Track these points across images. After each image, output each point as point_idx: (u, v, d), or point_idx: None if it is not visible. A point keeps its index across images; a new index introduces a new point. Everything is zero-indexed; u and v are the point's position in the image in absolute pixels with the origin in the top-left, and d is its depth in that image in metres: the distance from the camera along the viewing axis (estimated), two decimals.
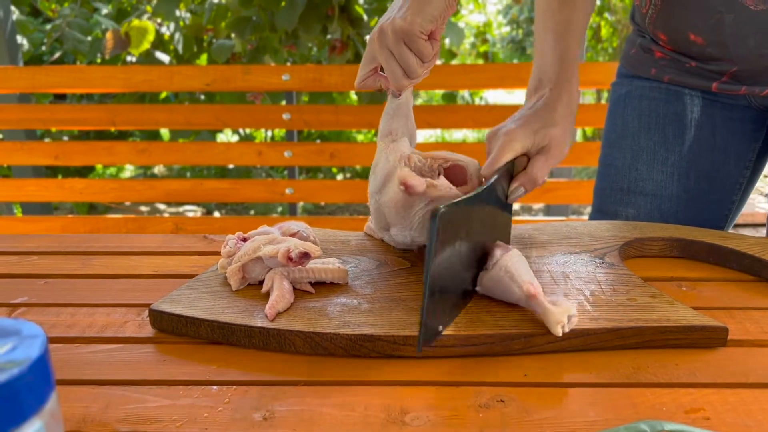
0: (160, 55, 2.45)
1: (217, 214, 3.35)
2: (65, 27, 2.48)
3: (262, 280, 0.58)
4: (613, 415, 0.43)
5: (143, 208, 3.38)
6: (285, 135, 2.51)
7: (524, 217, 2.68)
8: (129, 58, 2.71)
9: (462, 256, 0.53)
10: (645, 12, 0.86)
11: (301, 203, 2.84)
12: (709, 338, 0.52)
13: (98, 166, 3.77)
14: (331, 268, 0.59)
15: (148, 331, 0.55)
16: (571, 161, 1.86)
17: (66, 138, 3.12)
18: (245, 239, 0.61)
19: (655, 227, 0.76)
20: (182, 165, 3.45)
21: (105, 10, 2.82)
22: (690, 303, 0.58)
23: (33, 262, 0.71)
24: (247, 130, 3.40)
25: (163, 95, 2.69)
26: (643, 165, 0.89)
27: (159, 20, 2.58)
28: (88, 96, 2.82)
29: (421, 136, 4.78)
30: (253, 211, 3.35)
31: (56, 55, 2.79)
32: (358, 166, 3.61)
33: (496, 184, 0.59)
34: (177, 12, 2.45)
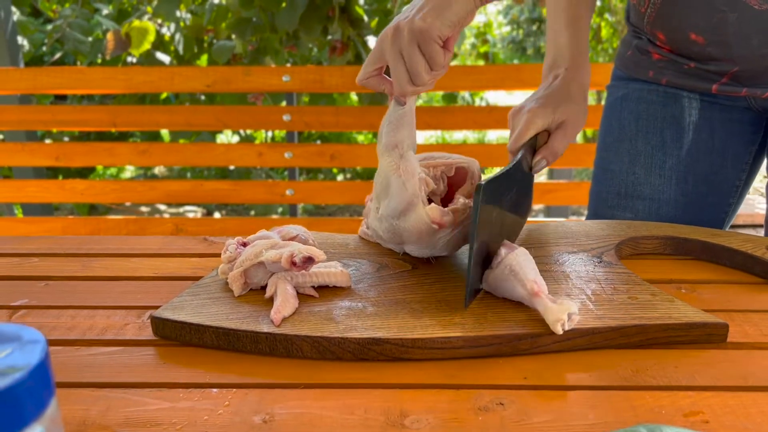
0: (161, 56, 2.45)
1: (217, 215, 3.35)
2: (66, 27, 2.48)
3: (264, 285, 0.58)
4: (613, 418, 0.43)
5: (143, 209, 3.38)
6: (285, 136, 2.51)
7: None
8: (129, 59, 2.71)
9: (497, 224, 0.60)
10: (643, 11, 0.86)
11: (302, 204, 2.84)
12: (710, 335, 0.52)
13: (99, 167, 3.78)
14: (335, 272, 0.59)
15: (148, 334, 0.55)
16: (571, 162, 1.85)
17: (66, 139, 3.12)
18: (245, 244, 0.61)
19: (649, 226, 0.77)
20: (183, 166, 3.46)
21: (105, 11, 2.82)
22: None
23: (33, 264, 0.71)
24: (247, 131, 3.40)
25: (164, 96, 2.69)
26: (641, 169, 0.89)
27: (159, 21, 2.58)
28: (88, 97, 2.82)
29: (422, 137, 4.77)
30: (253, 212, 3.35)
31: (57, 56, 2.79)
32: (359, 167, 3.61)
33: (521, 158, 0.66)
34: (177, 13, 2.45)
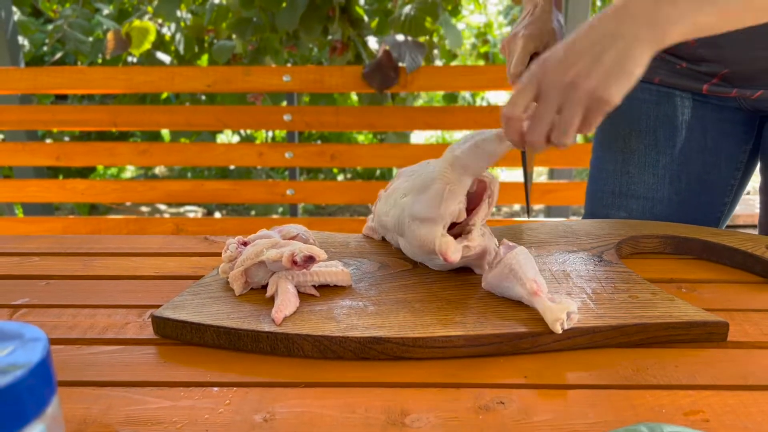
0: (161, 56, 2.45)
1: (217, 215, 3.35)
2: (66, 27, 2.48)
3: (264, 285, 0.58)
4: (613, 417, 0.43)
5: (144, 209, 3.38)
6: (286, 136, 2.50)
7: (525, 218, 2.68)
8: (130, 59, 2.71)
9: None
10: None
11: (302, 204, 2.84)
12: (710, 334, 0.53)
13: (99, 167, 3.78)
14: (335, 271, 0.59)
15: (149, 333, 0.55)
16: (571, 163, 1.85)
17: (67, 139, 3.12)
18: (245, 243, 0.61)
19: (649, 225, 0.77)
20: (183, 166, 3.46)
21: (106, 11, 2.82)
22: None
23: (34, 264, 0.72)
24: (248, 131, 3.40)
25: (164, 96, 2.69)
26: (635, 168, 0.89)
27: (160, 21, 2.58)
28: (88, 97, 2.82)
29: (422, 137, 4.78)
30: (253, 212, 3.35)
31: (57, 56, 2.79)
32: (359, 167, 3.61)
33: None
34: (178, 13, 2.45)
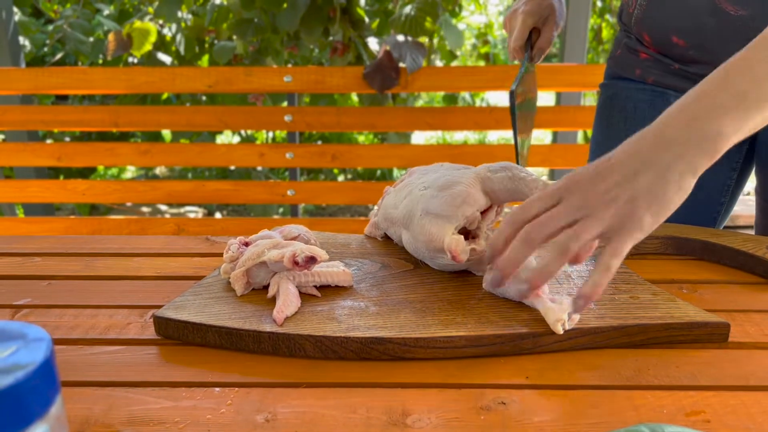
0: (162, 57, 2.45)
1: (218, 216, 3.35)
2: (67, 28, 2.48)
3: (266, 285, 0.58)
4: (614, 418, 0.43)
5: (145, 209, 3.38)
6: (286, 136, 2.50)
7: None
8: (130, 59, 2.71)
9: (525, 109, 0.87)
10: (631, 12, 0.87)
11: (302, 205, 2.84)
12: (711, 334, 0.53)
13: (100, 168, 3.78)
14: (337, 271, 0.59)
15: (150, 333, 0.55)
16: (572, 162, 1.86)
17: (68, 139, 3.12)
18: (247, 244, 0.61)
19: None
20: (184, 166, 3.46)
21: (107, 11, 2.82)
22: None
23: (36, 264, 0.72)
24: (248, 131, 3.40)
25: (165, 96, 2.69)
26: None
27: (161, 22, 2.58)
28: (89, 97, 2.82)
29: (422, 137, 4.78)
30: (252, 213, 3.35)
31: (58, 56, 2.79)
32: (360, 168, 3.61)
33: (527, 59, 0.87)
34: (179, 13, 2.45)
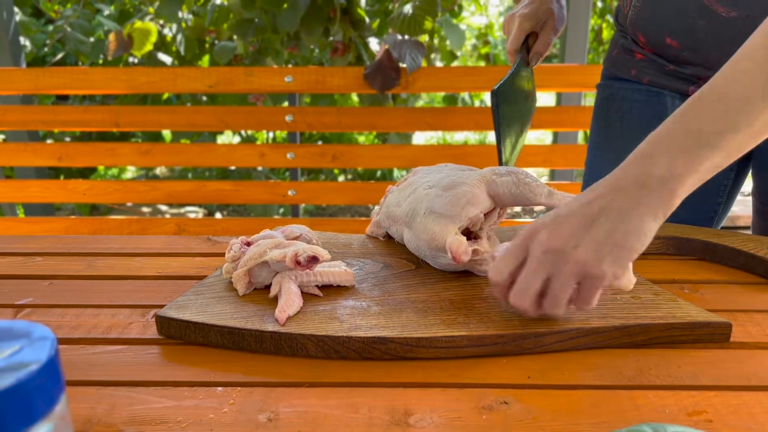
0: (162, 57, 2.45)
1: (218, 216, 3.35)
2: (67, 28, 2.48)
3: (268, 285, 0.58)
4: (616, 417, 0.43)
5: (145, 209, 3.38)
6: (287, 137, 2.50)
7: (526, 219, 2.68)
8: (131, 60, 2.71)
9: (513, 114, 0.82)
10: (626, 13, 0.87)
11: (303, 205, 2.84)
12: (713, 334, 0.53)
13: (100, 168, 3.78)
14: (338, 271, 0.59)
15: (152, 332, 0.55)
16: (573, 163, 1.86)
17: (68, 139, 3.12)
18: (249, 243, 0.61)
19: None
20: (185, 166, 3.46)
21: (107, 11, 2.82)
22: None
23: (37, 264, 0.72)
24: (248, 131, 3.40)
25: (165, 97, 2.69)
26: None
27: (161, 22, 2.59)
28: (89, 97, 2.82)
29: (422, 138, 4.78)
30: (252, 213, 3.35)
31: (58, 57, 2.79)
32: (360, 168, 3.61)
33: (520, 60, 0.85)
34: (179, 14, 2.45)
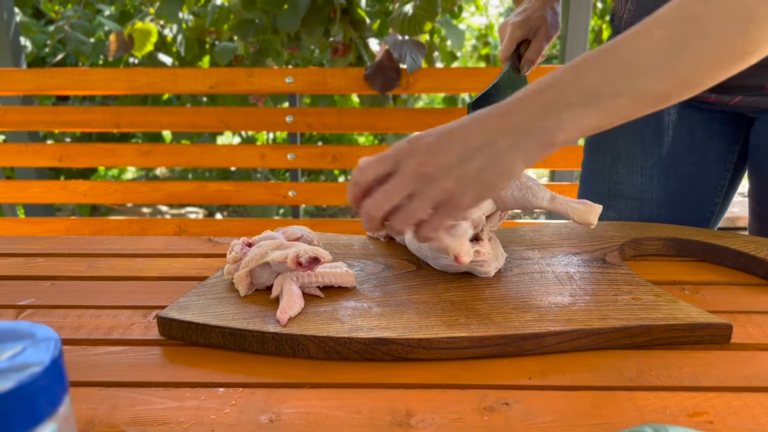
0: (163, 57, 2.46)
1: (219, 216, 3.35)
2: (67, 28, 2.48)
3: (269, 286, 0.58)
4: (617, 419, 0.43)
5: (145, 210, 3.38)
6: (287, 137, 2.50)
7: (526, 220, 2.68)
8: (131, 60, 2.71)
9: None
10: (621, 15, 0.87)
11: (303, 206, 2.84)
12: (714, 335, 0.53)
13: (100, 168, 3.78)
14: (340, 272, 0.59)
15: (154, 333, 0.55)
16: (573, 164, 1.86)
17: (68, 140, 3.12)
18: (250, 244, 0.61)
19: (652, 227, 0.77)
20: (185, 167, 3.46)
21: (108, 12, 2.82)
22: None
23: (39, 264, 0.72)
24: (249, 132, 3.40)
25: (165, 97, 2.69)
26: (623, 168, 0.89)
27: (162, 22, 2.59)
28: (90, 98, 2.82)
29: None
30: (251, 214, 3.34)
31: (59, 57, 2.80)
32: None
33: (507, 70, 0.83)
34: (180, 14, 2.45)
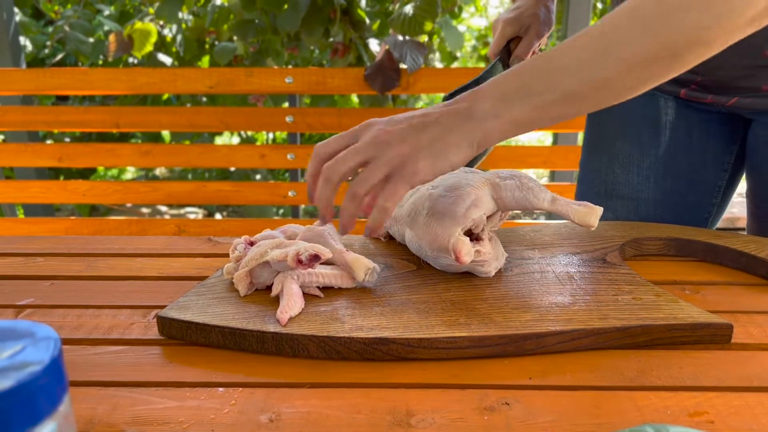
0: (162, 57, 2.45)
1: (218, 216, 3.35)
2: (67, 28, 2.48)
3: (269, 285, 0.58)
4: (618, 419, 0.43)
5: (144, 210, 3.38)
6: (287, 137, 2.50)
7: (526, 220, 2.68)
8: (130, 60, 2.71)
9: None
10: None
11: (302, 206, 2.84)
12: (714, 335, 0.53)
13: (100, 168, 3.78)
14: (340, 272, 0.59)
15: (154, 333, 0.55)
16: (573, 165, 1.86)
17: (68, 140, 3.12)
18: (252, 243, 0.61)
19: (652, 227, 0.77)
20: (185, 167, 3.46)
21: (107, 12, 2.82)
22: None
23: (38, 264, 0.72)
24: (248, 132, 3.40)
25: (165, 97, 2.69)
26: (620, 168, 0.89)
27: (161, 22, 2.59)
28: (90, 98, 2.82)
29: None
30: (251, 215, 3.34)
31: (58, 57, 2.79)
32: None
33: (493, 66, 0.84)
34: (179, 14, 2.45)
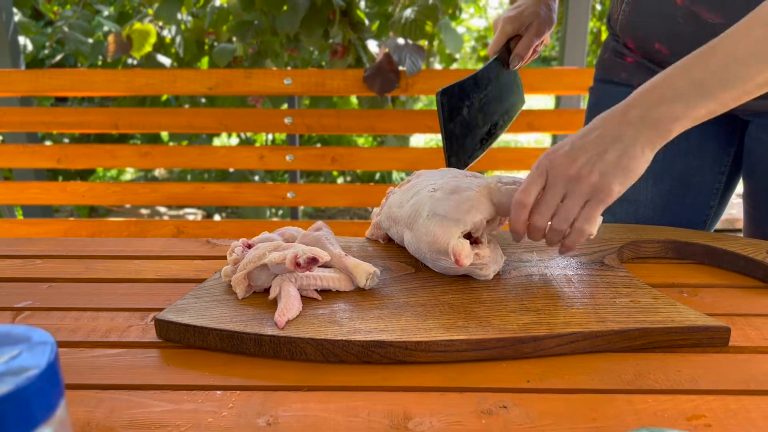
0: (161, 58, 2.45)
1: (217, 218, 3.35)
2: (66, 29, 2.48)
3: (267, 288, 0.58)
4: (615, 422, 0.43)
5: (143, 211, 3.38)
6: (286, 139, 2.50)
7: None
8: (129, 61, 2.71)
9: (474, 118, 0.81)
10: (616, 17, 0.87)
11: (302, 207, 2.84)
12: (712, 338, 0.53)
13: (99, 169, 3.78)
14: (338, 275, 0.59)
15: (151, 336, 0.55)
16: None
17: (67, 141, 3.12)
18: (250, 246, 0.61)
19: (650, 229, 0.77)
20: (184, 168, 3.45)
21: (106, 13, 2.82)
22: None
23: (36, 266, 0.71)
24: (247, 134, 3.40)
25: (164, 98, 2.69)
26: None
27: (160, 23, 2.59)
28: (89, 99, 2.82)
29: (422, 139, 4.78)
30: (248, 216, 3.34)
31: (58, 58, 2.79)
32: (359, 170, 3.61)
33: (488, 65, 0.86)
34: (179, 15, 2.45)
